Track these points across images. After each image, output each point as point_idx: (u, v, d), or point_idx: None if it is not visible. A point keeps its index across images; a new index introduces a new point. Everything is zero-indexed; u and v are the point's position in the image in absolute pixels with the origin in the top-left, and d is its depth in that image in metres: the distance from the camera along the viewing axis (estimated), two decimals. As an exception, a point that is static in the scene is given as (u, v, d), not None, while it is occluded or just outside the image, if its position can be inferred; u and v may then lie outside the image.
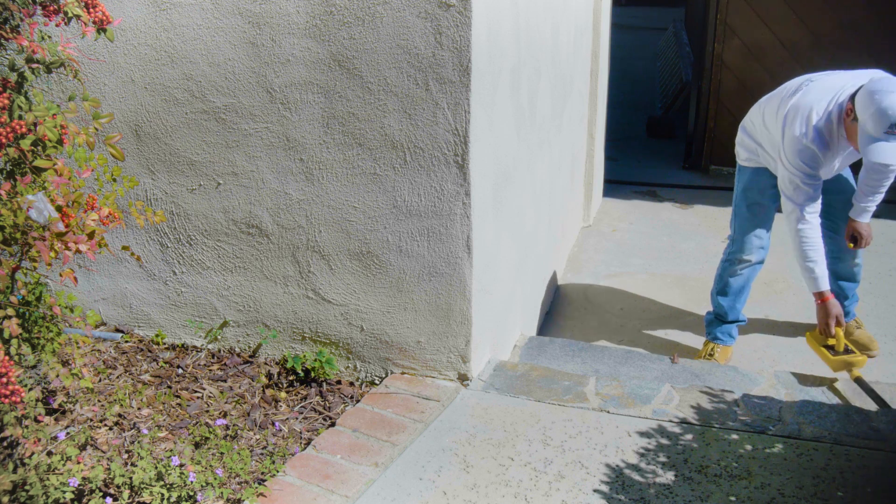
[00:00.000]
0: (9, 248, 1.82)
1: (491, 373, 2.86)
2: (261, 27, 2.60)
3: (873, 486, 2.23)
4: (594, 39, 4.97)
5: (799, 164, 3.10)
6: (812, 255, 3.16)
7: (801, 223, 3.16)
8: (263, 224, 2.83)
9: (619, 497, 2.19)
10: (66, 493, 1.97)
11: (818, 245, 3.15)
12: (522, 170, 3.19)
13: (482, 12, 2.46)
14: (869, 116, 2.89)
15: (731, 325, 3.63)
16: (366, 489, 2.23)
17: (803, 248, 3.17)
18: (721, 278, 3.64)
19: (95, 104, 1.90)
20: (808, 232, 3.15)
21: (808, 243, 3.15)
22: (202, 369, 2.91)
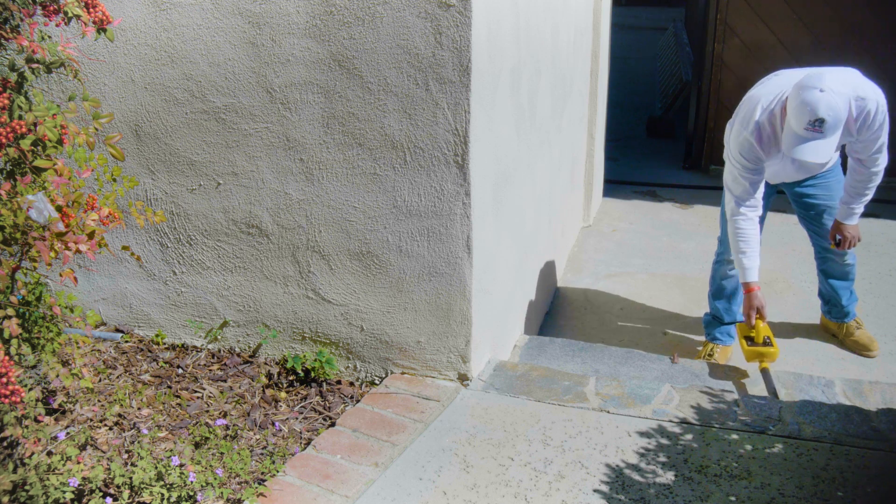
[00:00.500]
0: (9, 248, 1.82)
1: (491, 373, 2.86)
2: (261, 27, 2.60)
3: (873, 486, 2.23)
4: (594, 39, 4.97)
5: (738, 155, 3.09)
6: (744, 247, 3.16)
7: (737, 215, 3.16)
8: (263, 224, 2.83)
9: (619, 497, 2.19)
10: (66, 493, 1.97)
11: (751, 238, 3.15)
12: (522, 170, 3.19)
13: (482, 12, 2.46)
14: (791, 111, 2.85)
15: (729, 326, 3.63)
16: (366, 489, 2.23)
17: (737, 239, 3.17)
18: (714, 280, 3.64)
19: (95, 104, 1.90)
20: (742, 224, 3.15)
21: (741, 235, 3.16)
22: (202, 369, 2.91)
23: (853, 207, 3.25)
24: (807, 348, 3.68)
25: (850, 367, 3.52)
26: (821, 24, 5.92)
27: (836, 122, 2.78)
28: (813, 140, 2.81)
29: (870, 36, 5.84)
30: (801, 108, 2.80)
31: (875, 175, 3.14)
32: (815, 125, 2.78)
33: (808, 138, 2.81)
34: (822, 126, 2.77)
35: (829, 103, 2.75)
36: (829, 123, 2.77)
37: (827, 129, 2.78)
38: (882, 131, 3.00)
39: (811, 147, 2.82)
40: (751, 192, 3.13)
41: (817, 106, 2.75)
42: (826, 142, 2.81)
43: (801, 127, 2.81)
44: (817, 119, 2.76)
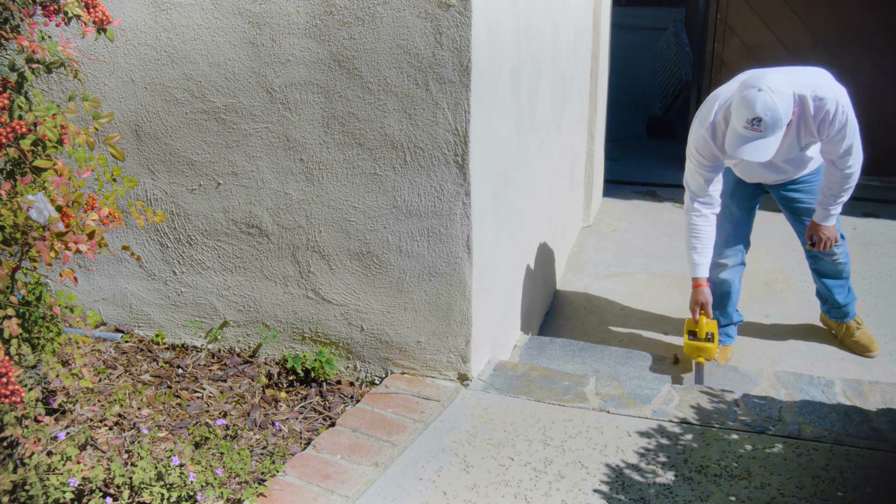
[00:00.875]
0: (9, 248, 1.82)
1: (491, 373, 2.86)
2: (261, 27, 2.60)
3: (873, 486, 2.23)
4: (594, 39, 4.97)
5: (694, 151, 3.12)
6: (695, 243, 3.20)
7: (691, 211, 3.19)
8: (263, 224, 2.83)
9: (619, 497, 2.19)
10: (66, 493, 1.97)
11: (703, 235, 3.18)
12: (522, 170, 3.19)
13: (482, 12, 2.46)
14: (733, 110, 2.88)
15: (727, 326, 3.62)
16: (366, 489, 2.23)
17: (689, 234, 3.21)
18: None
19: (95, 104, 1.90)
20: (696, 220, 3.18)
21: (694, 231, 3.19)
22: (202, 369, 2.91)
23: (829, 209, 3.23)
24: (807, 348, 3.68)
25: (850, 367, 3.52)
26: (821, 24, 5.92)
27: (775, 121, 2.78)
28: (754, 139, 2.82)
29: (870, 36, 5.84)
30: (739, 106, 2.83)
31: (847, 177, 3.10)
32: (753, 123, 2.79)
33: (748, 137, 2.83)
34: (760, 125, 2.78)
35: (765, 102, 2.76)
36: (767, 122, 2.78)
37: (766, 127, 2.79)
38: (846, 133, 2.98)
39: (752, 146, 2.84)
40: (706, 189, 3.15)
41: (754, 104, 2.77)
42: (767, 141, 2.82)
43: (741, 125, 2.83)
44: (755, 118, 2.78)
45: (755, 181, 3.42)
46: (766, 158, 2.86)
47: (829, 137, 3.00)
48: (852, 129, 2.99)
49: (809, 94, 2.94)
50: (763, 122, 2.78)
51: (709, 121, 3.06)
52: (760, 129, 2.80)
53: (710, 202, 3.19)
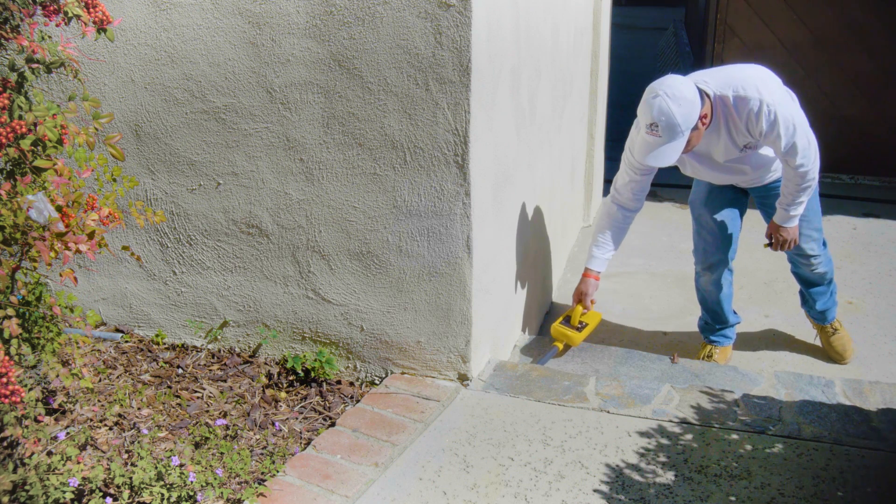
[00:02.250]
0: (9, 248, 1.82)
1: (491, 373, 2.86)
2: (261, 27, 2.60)
3: (873, 486, 2.23)
4: (594, 39, 4.97)
5: (627, 150, 3.16)
6: (598, 236, 3.28)
7: (606, 206, 3.27)
8: (263, 224, 2.83)
9: (619, 497, 2.19)
10: (66, 493, 1.97)
11: (608, 230, 3.25)
12: (522, 170, 3.19)
13: (482, 12, 2.46)
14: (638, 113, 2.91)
15: (725, 328, 3.61)
16: (366, 489, 2.23)
17: (597, 231, 3.29)
18: (698, 290, 3.61)
19: (95, 104, 1.90)
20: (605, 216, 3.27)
21: (600, 224, 3.28)
22: (202, 369, 2.91)
23: (788, 209, 3.14)
24: (807, 348, 3.68)
25: (850, 367, 3.52)
26: (821, 24, 5.92)
27: (671, 126, 2.78)
28: (656, 146, 2.85)
29: (870, 36, 5.84)
30: (640, 111, 2.88)
31: (802, 176, 2.99)
32: (651, 129, 2.82)
33: (650, 143, 2.86)
34: (657, 129, 2.80)
35: (660, 107, 2.78)
36: (664, 127, 2.79)
37: (663, 132, 2.80)
38: (780, 131, 2.88)
39: (655, 151, 2.86)
40: (628, 189, 3.20)
41: (651, 109, 2.80)
42: (668, 146, 2.83)
43: (644, 131, 2.87)
44: (652, 123, 2.81)
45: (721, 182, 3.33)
46: (669, 163, 2.88)
47: (764, 137, 2.93)
48: (787, 126, 2.89)
49: (731, 93, 2.90)
50: (659, 126, 2.80)
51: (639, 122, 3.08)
52: (659, 134, 2.81)
53: (628, 203, 3.23)
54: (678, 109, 2.78)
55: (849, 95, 5.92)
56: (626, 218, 3.26)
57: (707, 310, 3.59)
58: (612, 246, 3.28)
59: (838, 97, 5.96)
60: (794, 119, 2.91)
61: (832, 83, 5.95)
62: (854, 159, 5.98)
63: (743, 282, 4.28)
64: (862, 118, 5.93)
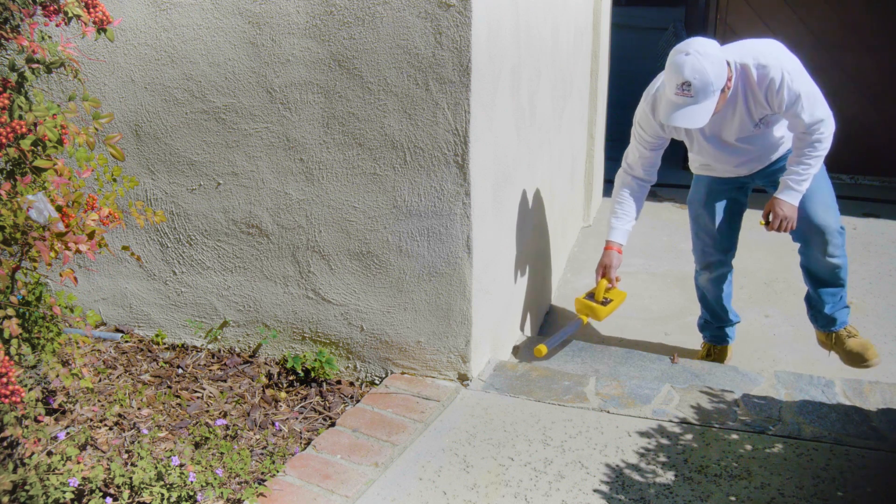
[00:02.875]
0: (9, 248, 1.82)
1: (491, 373, 2.86)
2: (261, 27, 2.60)
3: (873, 486, 2.23)
4: (594, 39, 4.97)
5: (636, 123, 3.10)
6: (616, 208, 3.22)
7: (620, 178, 3.22)
8: (263, 224, 2.83)
9: (619, 497, 2.19)
10: (66, 493, 1.97)
11: (626, 201, 3.19)
12: (522, 170, 3.19)
13: (482, 12, 2.46)
14: (665, 78, 2.81)
15: (726, 328, 3.61)
16: (366, 489, 2.23)
17: (614, 203, 3.24)
18: (697, 289, 3.59)
19: (95, 104, 1.90)
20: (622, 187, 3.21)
21: (618, 197, 3.22)
22: (202, 369, 2.91)
23: (794, 183, 2.95)
24: (806, 348, 3.68)
25: (850, 367, 3.52)
26: (821, 24, 5.93)
27: (704, 85, 2.68)
28: (685, 106, 2.74)
29: (870, 35, 5.84)
30: (668, 72, 2.76)
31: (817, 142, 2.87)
32: (683, 88, 2.71)
33: (679, 104, 2.74)
34: (689, 89, 2.70)
35: (693, 65, 2.67)
36: (697, 86, 2.68)
37: (696, 92, 2.70)
38: (803, 101, 2.80)
39: (684, 112, 2.74)
40: (640, 164, 3.15)
41: (682, 68, 2.69)
42: (700, 107, 2.73)
43: (671, 92, 2.75)
44: (684, 82, 2.69)
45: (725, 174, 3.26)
46: (700, 124, 2.77)
47: (786, 110, 2.85)
48: (809, 95, 2.82)
49: (752, 62, 2.82)
50: (692, 86, 2.69)
51: (650, 94, 3.01)
52: (691, 94, 2.71)
53: (641, 177, 3.18)
54: (711, 68, 2.68)
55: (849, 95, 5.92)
56: (641, 187, 3.20)
57: (707, 308, 3.58)
58: (632, 216, 3.20)
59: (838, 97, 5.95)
60: (814, 89, 2.85)
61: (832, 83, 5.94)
62: (854, 159, 5.97)
63: (743, 282, 4.28)
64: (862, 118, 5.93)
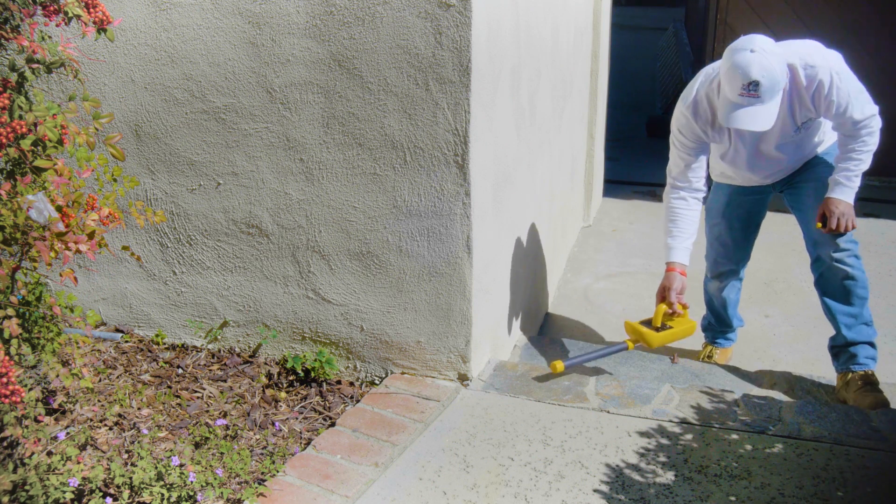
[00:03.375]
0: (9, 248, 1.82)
1: (491, 373, 2.86)
2: (261, 27, 2.60)
3: (873, 486, 2.23)
4: (594, 39, 4.97)
5: (675, 131, 2.91)
6: (671, 227, 3.00)
7: (670, 195, 3.00)
8: (263, 224, 2.83)
9: (619, 497, 2.19)
10: (66, 493, 1.97)
11: (681, 218, 2.97)
12: (522, 170, 3.19)
13: (482, 12, 2.46)
14: (724, 77, 2.60)
15: (728, 331, 3.59)
16: (366, 489, 2.23)
17: (666, 218, 3.02)
18: (705, 292, 3.56)
19: (95, 104, 1.90)
20: (674, 203, 2.99)
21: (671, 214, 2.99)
22: (202, 369, 2.91)
23: (839, 176, 2.78)
24: (806, 348, 3.68)
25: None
26: (821, 24, 5.93)
27: (773, 84, 2.52)
28: (749, 106, 2.54)
29: (870, 36, 5.84)
30: (732, 71, 2.55)
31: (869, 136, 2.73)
32: (749, 89, 2.51)
33: (743, 105, 2.55)
34: (757, 89, 2.51)
35: (762, 63, 2.49)
36: (765, 86, 2.51)
37: (763, 92, 2.52)
38: (851, 101, 2.67)
39: (748, 113, 2.56)
40: (686, 175, 2.94)
41: (749, 67, 2.50)
42: (765, 108, 2.55)
43: (735, 93, 2.56)
44: (751, 82, 2.51)
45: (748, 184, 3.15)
46: (766, 127, 2.58)
47: (835, 112, 2.70)
48: (859, 93, 2.69)
49: (799, 62, 2.66)
50: (761, 85, 2.51)
51: (691, 95, 2.85)
52: (758, 94, 2.52)
53: (691, 188, 2.97)
54: (779, 66, 2.51)
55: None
56: (693, 199, 2.98)
57: (712, 311, 3.56)
58: (690, 232, 2.98)
59: (838, 97, 5.96)
60: (859, 85, 2.72)
61: (832, 83, 5.95)
62: (854, 159, 5.96)
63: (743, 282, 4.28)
64: (862, 118, 5.92)
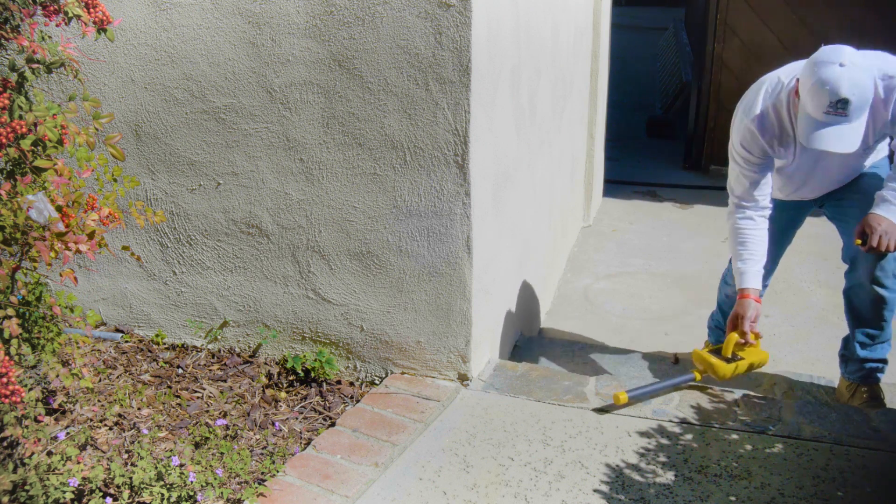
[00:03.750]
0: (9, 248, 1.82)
1: (491, 373, 2.86)
2: (261, 27, 2.60)
3: (873, 486, 2.23)
4: (594, 39, 4.97)
5: (739, 147, 2.68)
6: (740, 250, 2.75)
7: (735, 215, 2.76)
8: (263, 224, 2.83)
9: (619, 497, 2.19)
10: (66, 493, 1.97)
11: (750, 241, 2.73)
12: (522, 170, 3.19)
13: (482, 12, 2.46)
14: (807, 93, 2.38)
15: None
16: (366, 489, 2.23)
17: (733, 242, 2.77)
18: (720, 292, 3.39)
19: (95, 104, 1.90)
20: (740, 223, 2.74)
21: (739, 236, 2.74)
22: (202, 369, 2.91)
23: (887, 193, 2.56)
24: (806, 348, 3.68)
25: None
26: (821, 24, 5.93)
27: (863, 103, 2.32)
28: (835, 125, 2.33)
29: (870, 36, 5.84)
30: (818, 87, 2.32)
31: None
32: (837, 107, 2.30)
33: (829, 123, 2.34)
34: (846, 108, 2.30)
35: (853, 79, 2.28)
36: (855, 104, 2.31)
37: (852, 111, 2.32)
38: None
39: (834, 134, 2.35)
40: (752, 193, 2.71)
41: (839, 84, 2.29)
42: (852, 127, 2.35)
43: (820, 111, 2.34)
44: (840, 100, 2.29)
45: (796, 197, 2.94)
46: (853, 149, 2.36)
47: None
48: None
49: (877, 73, 2.44)
50: (850, 104, 2.29)
51: (756, 108, 2.61)
52: (846, 114, 2.30)
53: (760, 206, 2.73)
54: (869, 82, 2.30)
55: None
56: (761, 218, 2.75)
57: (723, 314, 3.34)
58: (760, 254, 2.74)
59: (838, 97, 5.96)
60: None
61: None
62: (854, 159, 5.97)
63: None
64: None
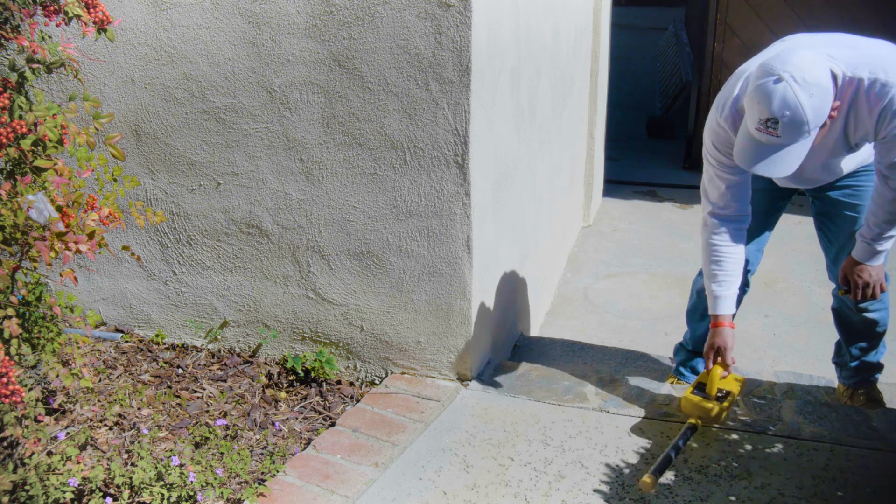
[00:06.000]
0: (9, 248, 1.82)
1: (491, 373, 2.86)
2: (261, 27, 2.60)
3: (873, 486, 2.23)
4: (594, 39, 4.97)
5: (711, 147, 2.37)
6: (714, 270, 2.43)
7: (711, 228, 2.43)
8: (263, 224, 2.83)
9: (619, 497, 2.19)
10: (66, 493, 1.97)
11: (725, 259, 2.43)
12: (522, 170, 3.19)
13: (482, 12, 2.46)
14: (746, 102, 2.13)
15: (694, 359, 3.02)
16: (366, 489, 2.23)
17: (708, 259, 2.44)
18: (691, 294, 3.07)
19: (96, 104, 1.90)
20: (714, 240, 2.43)
21: (713, 255, 2.43)
22: (202, 369, 2.91)
23: (875, 242, 2.34)
24: (806, 348, 3.68)
25: (850, 367, 3.52)
26: (821, 24, 5.92)
27: (795, 124, 2.02)
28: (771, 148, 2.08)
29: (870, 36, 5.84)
30: (752, 99, 2.07)
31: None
32: (767, 126, 2.04)
33: (761, 143, 2.09)
34: (776, 128, 2.03)
35: (784, 97, 2.00)
36: (786, 124, 2.02)
37: (785, 131, 2.03)
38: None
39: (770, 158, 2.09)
40: (729, 199, 2.39)
41: (768, 100, 2.02)
42: (789, 150, 2.07)
43: (753, 125, 2.08)
44: (769, 118, 2.03)
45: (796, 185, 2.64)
46: (785, 173, 2.12)
47: (887, 136, 2.18)
48: None
49: (866, 75, 2.13)
50: (780, 124, 2.02)
51: (728, 103, 2.30)
52: (777, 134, 2.04)
53: (738, 216, 2.42)
54: (809, 101, 2.00)
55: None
56: (737, 230, 2.43)
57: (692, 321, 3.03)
58: (737, 273, 2.44)
59: (838, 97, 5.96)
60: None
61: (832, 83, 5.94)
62: (854, 159, 5.97)
63: (743, 282, 4.28)
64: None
